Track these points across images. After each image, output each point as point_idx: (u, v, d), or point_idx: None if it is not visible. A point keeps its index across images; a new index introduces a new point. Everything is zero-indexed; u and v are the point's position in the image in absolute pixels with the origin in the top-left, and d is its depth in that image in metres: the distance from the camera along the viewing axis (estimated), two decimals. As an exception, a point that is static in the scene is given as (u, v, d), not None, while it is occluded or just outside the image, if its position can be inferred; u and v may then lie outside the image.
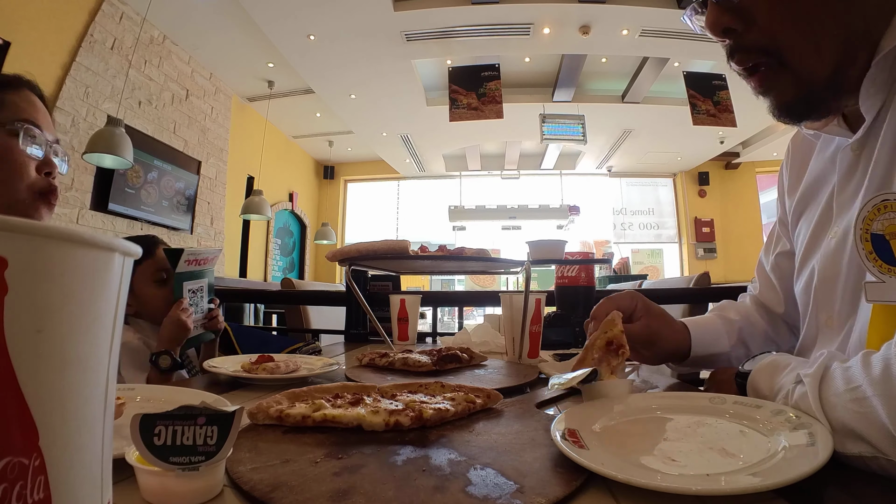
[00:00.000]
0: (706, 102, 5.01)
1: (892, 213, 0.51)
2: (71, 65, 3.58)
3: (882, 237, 0.51)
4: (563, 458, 0.43)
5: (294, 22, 4.21)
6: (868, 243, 0.52)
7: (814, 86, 0.56)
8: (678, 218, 8.64)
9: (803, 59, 0.55)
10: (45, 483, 0.18)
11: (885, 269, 0.51)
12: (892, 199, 0.51)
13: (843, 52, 0.54)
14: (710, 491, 0.36)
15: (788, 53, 0.55)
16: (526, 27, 4.40)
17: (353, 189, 9.21)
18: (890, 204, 0.51)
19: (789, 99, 0.58)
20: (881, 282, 0.52)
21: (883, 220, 0.51)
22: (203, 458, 0.37)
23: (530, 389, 0.80)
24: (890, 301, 0.51)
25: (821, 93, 0.57)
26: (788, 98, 0.58)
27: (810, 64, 0.55)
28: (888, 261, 0.51)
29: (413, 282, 6.78)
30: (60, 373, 0.18)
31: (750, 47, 0.57)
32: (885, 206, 0.51)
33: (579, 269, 1.30)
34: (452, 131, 6.32)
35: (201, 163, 5.19)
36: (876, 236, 0.52)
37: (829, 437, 0.43)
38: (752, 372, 0.60)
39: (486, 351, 1.16)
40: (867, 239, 0.52)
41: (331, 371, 0.89)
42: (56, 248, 0.18)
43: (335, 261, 1.11)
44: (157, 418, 0.37)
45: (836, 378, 0.47)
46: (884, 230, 0.51)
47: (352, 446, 0.49)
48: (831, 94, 0.57)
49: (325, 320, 2.14)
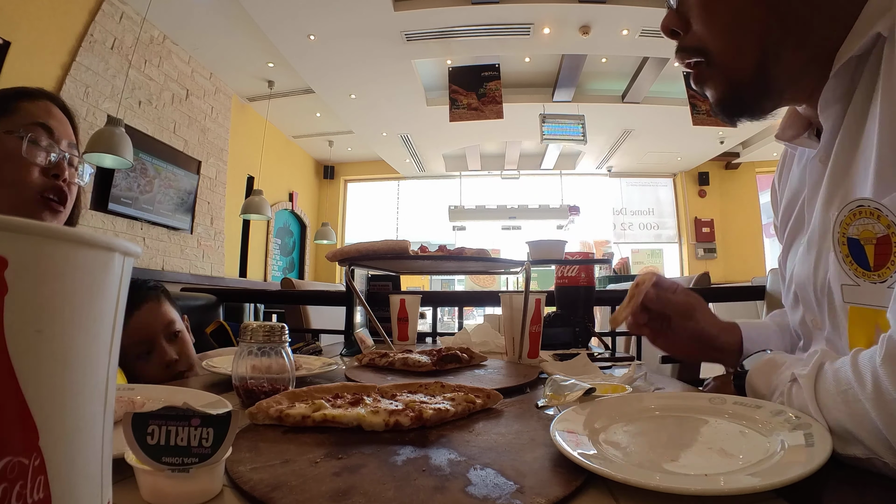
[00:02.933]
0: (706, 103, 4.96)
1: (866, 219, 0.52)
2: (71, 65, 3.58)
3: (857, 241, 0.53)
4: (562, 458, 0.43)
5: (294, 22, 4.21)
6: (845, 247, 0.54)
7: (740, 84, 0.61)
8: (678, 218, 8.64)
9: (727, 59, 0.61)
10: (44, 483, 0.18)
11: (859, 273, 0.53)
12: (866, 206, 0.52)
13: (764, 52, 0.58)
14: (709, 491, 0.36)
15: (715, 55, 0.61)
16: (526, 27, 4.40)
17: (353, 189, 9.20)
18: (865, 210, 0.52)
19: (720, 96, 0.63)
20: (856, 285, 0.54)
21: (858, 226, 0.53)
22: (196, 459, 0.37)
23: (530, 389, 0.80)
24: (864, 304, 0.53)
25: (747, 91, 0.61)
26: (719, 95, 0.63)
27: (734, 64, 0.60)
28: (863, 265, 0.53)
29: (413, 282, 6.78)
30: (60, 373, 0.18)
31: (687, 48, 0.64)
32: (861, 212, 0.53)
33: (579, 269, 1.30)
34: (452, 131, 6.32)
35: (201, 163, 5.19)
36: (852, 240, 0.54)
37: (827, 438, 0.43)
38: (749, 371, 0.61)
39: (486, 351, 1.16)
40: (844, 242, 0.54)
41: (330, 371, 0.89)
42: (56, 248, 0.18)
43: (335, 261, 1.11)
44: (149, 417, 0.36)
45: (829, 378, 0.47)
46: (859, 235, 0.53)
47: (352, 446, 0.49)
48: (759, 91, 0.61)
49: (325, 320, 2.14)
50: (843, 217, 0.54)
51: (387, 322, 1.39)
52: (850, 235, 0.54)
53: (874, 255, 0.52)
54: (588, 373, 0.88)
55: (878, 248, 0.51)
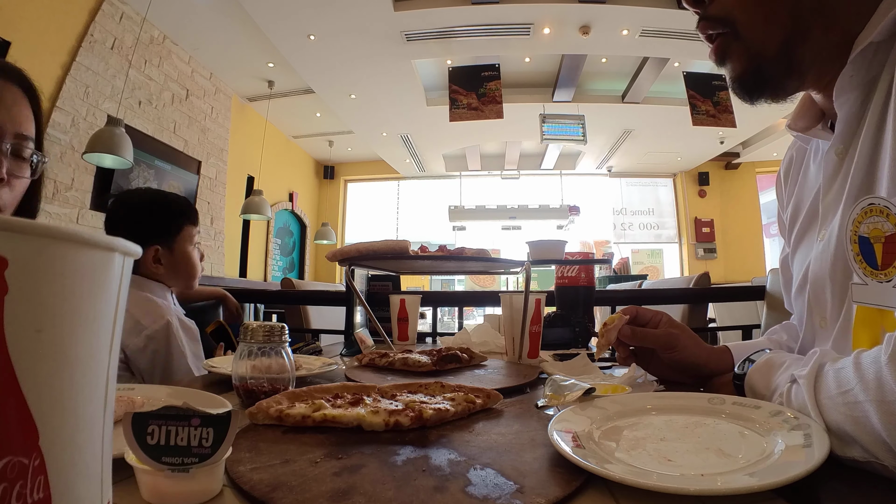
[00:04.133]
0: (706, 103, 5.01)
1: (876, 217, 0.52)
2: (71, 65, 3.58)
3: (867, 240, 0.53)
4: (563, 458, 0.43)
5: (294, 22, 4.21)
6: (856, 245, 0.54)
7: (763, 59, 0.59)
8: (678, 218, 8.64)
9: (754, 32, 0.58)
10: (44, 483, 0.18)
11: (868, 272, 0.53)
12: (876, 204, 0.52)
13: (793, 28, 0.57)
14: (708, 491, 0.36)
15: (741, 26, 0.59)
16: (526, 27, 4.40)
17: (353, 189, 9.20)
18: (875, 208, 0.52)
19: (741, 71, 0.61)
20: (864, 284, 0.53)
21: (868, 224, 0.52)
22: (196, 459, 0.37)
23: (530, 389, 0.80)
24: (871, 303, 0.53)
25: (771, 67, 0.59)
26: (741, 70, 0.61)
27: (760, 37, 0.58)
28: (871, 264, 0.52)
29: (413, 282, 6.78)
30: (60, 372, 0.18)
31: (711, 17, 0.61)
32: (871, 210, 0.52)
33: (579, 270, 1.30)
34: (452, 131, 6.32)
35: (201, 163, 5.19)
36: (863, 238, 0.53)
37: (825, 438, 0.43)
38: (749, 372, 0.60)
39: (486, 351, 1.16)
40: (855, 241, 0.54)
41: (330, 371, 0.89)
42: (56, 247, 0.18)
43: (335, 261, 1.11)
44: (150, 417, 0.36)
45: (829, 379, 0.47)
46: (869, 233, 0.53)
47: (352, 446, 0.49)
48: (782, 69, 0.59)
49: (325, 320, 2.14)
50: (855, 215, 0.54)
51: (387, 322, 1.39)
52: (861, 233, 0.53)
53: (882, 253, 0.51)
54: (588, 373, 0.88)
55: (886, 247, 0.51)
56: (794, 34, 0.57)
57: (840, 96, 0.57)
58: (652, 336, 0.79)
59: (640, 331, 0.80)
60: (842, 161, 0.61)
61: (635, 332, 0.79)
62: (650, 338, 0.79)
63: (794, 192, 0.76)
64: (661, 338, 0.78)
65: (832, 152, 0.62)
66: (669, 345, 0.78)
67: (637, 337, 0.79)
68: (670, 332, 0.79)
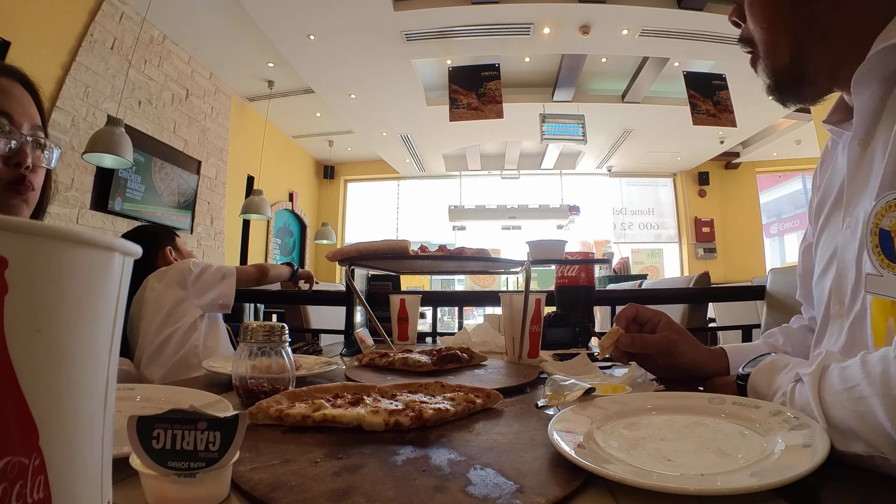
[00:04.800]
0: (706, 102, 5.01)
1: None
2: (71, 64, 3.58)
3: (888, 233, 0.54)
4: (563, 458, 0.43)
5: (294, 22, 4.21)
6: (875, 237, 0.55)
7: (779, 73, 0.69)
8: (678, 218, 8.64)
9: (767, 52, 0.70)
10: (44, 482, 0.18)
11: (885, 265, 0.54)
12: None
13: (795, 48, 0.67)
14: (708, 491, 0.36)
15: (760, 46, 0.70)
16: (526, 27, 4.40)
17: (353, 189, 9.20)
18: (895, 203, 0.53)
19: (768, 83, 0.72)
20: (879, 275, 0.54)
21: (891, 217, 0.54)
22: (203, 464, 0.36)
23: (530, 389, 0.80)
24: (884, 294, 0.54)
25: (785, 79, 0.70)
26: (767, 81, 0.72)
27: (772, 56, 0.69)
28: (889, 256, 0.53)
29: (413, 282, 6.78)
30: (60, 372, 0.18)
31: (743, 38, 0.73)
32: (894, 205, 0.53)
33: (579, 269, 1.30)
34: (452, 131, 6.32)
35: (201, 163, 5.19)
36: (884, 232, 0.54)
37: (826, 438, 0.43)
38: (752, 373, 0.61)
39: (486, 351, 1.16)
40: (875, 233, 0.55)
41: (330, 371, 0.89)
42: (56, 248, 0.18)
43: (335, 261, 1.11)
44: (155, 420, 0.35)
45: (834, 377, 0.47)
46: (890, 227, 0.54)
47: (352, 446, 0.49)
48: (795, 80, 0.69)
49: (325, 320, 2.14)
50: (879, 208, 0.55)
51: (387, 322, 1.39)
52: (882, 227, 0.55)
53: None
54: (588, 373, 0.88)
55: None
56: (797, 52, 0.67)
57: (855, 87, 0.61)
58: (651, 342, 0.81)
59: (638, 337, 0.81)
60: (864, 150, 0.64)
61: (634, 339, 0.81)
62: (649, 344, 0.81)
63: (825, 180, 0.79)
64: (660, 344, 0.80)
65: (855, 142, 0.65)
66: (668, 350, 0.80)
67: (636, 344, 0.81)
68: (669, 337, 0.81)
